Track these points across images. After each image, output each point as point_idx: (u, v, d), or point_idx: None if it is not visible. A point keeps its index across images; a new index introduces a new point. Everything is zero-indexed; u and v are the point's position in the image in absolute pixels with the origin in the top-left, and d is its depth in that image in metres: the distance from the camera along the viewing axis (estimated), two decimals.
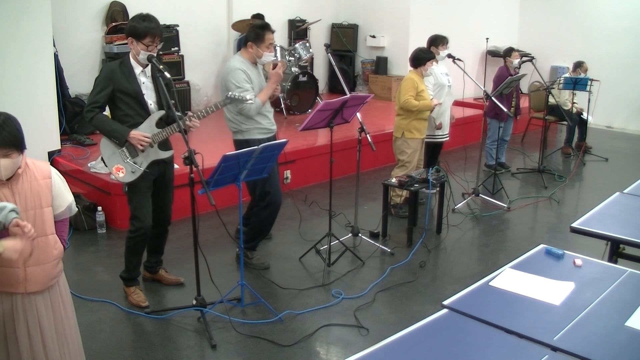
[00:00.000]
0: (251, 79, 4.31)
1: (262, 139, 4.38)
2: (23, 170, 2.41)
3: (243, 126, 4.39)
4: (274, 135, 4.55)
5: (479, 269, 4.67)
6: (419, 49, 5.66)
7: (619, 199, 3.90)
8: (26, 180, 2.41)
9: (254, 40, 4.32)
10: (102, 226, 5.20)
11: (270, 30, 4.36)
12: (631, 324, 2.28)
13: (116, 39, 7.14)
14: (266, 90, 4.34)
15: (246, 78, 4.27)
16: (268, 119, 4.47)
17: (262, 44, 4.32)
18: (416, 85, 5.44)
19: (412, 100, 5.38)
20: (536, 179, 7.18)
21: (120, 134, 3.64)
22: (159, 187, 3.93)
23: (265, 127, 4.44)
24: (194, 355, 3.46)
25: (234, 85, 4.23)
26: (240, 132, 4.43)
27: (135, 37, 3.61)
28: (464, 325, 2.30)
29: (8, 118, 2.31)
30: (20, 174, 2.40)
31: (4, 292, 2.41)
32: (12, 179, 2.38)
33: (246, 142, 4.42)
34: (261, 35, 4.30)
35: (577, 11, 10.77)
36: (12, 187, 2.38)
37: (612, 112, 10.33)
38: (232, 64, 4.34)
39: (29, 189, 2.41)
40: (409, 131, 5.50)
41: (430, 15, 9.57)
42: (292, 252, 4.87)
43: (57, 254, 2.51)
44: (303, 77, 7.98)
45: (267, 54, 4.37)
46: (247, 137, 4.41)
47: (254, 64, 4.40)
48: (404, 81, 5.54)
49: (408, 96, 5.40)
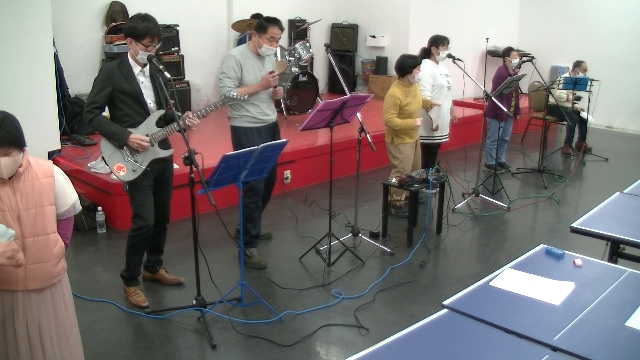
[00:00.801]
0: (246, 68, 4.37)
1: (249, 128, 4.47)
2: (25, 168, 2.41)
3: (234, 113, 4.51)
4: (269, 125, 4.58)
5: (479, 269, 4.67)
6: (403, 56, 5.46)
7: (619, 199, 3.90)
8: (28, 178, 2.42)
9: (257, 30, 4.39)
10: (102, 226, 5.20)
11: (277, 25, 4.38)
12: (631, 324, 2.28)
13: (116, 39, 7.14)
14: (250, 87, 4.40)
15: (235, 67, 4.35)
16: (259, 109, 4.50)
17: (264, 35, 4.36)
18: (399, 102, 5.29)
19: (395, 119, 5.28)
20: (536, 179, 7.18)
21: (119, 137, 3.65)
22: (159, 185, 3.94)
23: (254, 117, 4.49)
24: (194, 355, 3.46)
25: (222, 70, 4.41)
26: (231, 118, 4.56)
27: (134, 37, 3.61)
28: (464, 325, 2.30)
29: (6, 117, 2.31)
30: (22, 173, 2.40)
31: (5, 289, 2.42)
32: (13, 178, 2.38)
33: (234, 128, 4.57)
34: (265, 27, 4.35)
35: (577, 11, 10.77)
36: (14, 186, 2.39)
37: (612, 112, 10.33)
38: (231, 51, 4.54)
39: (31, 187, 2.42)
40: (398, 137, 5.44)
41: (430, 15, 9.58)
42: (292, 252, 4.87)
43: (57, 252, 2.52)
44: (303, 77, 7.98)
45: (267, 47, 4.39)
46: (236, 124, 4.54)
47: (257, 55, 4.43)
48: (387, 98, 5.37)
49: (389, 115, 5.28)
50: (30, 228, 2.41)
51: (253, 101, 4.44)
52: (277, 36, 4.39)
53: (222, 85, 4.37)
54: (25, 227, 2.40)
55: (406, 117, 5.33)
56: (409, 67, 5.33)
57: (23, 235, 2.39)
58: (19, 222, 2.38)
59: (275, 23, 4.38)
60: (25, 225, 2.39)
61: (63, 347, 2.59)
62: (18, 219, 2.38)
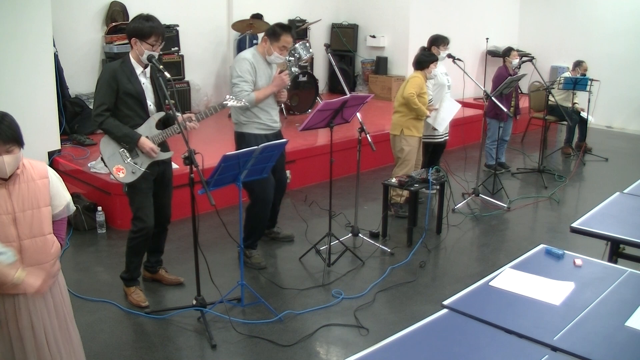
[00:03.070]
0: (258, 72, 4.31)
1: (259, 135, 4.38)
2: (21, 170, 2.42)
3: (242, 118, 4.41)
4: (275, 133, 4.53)
5: (479, 269, 4.67)
6: (422, 52, 5.68)
7: (619, 199, 3.90)
8: (23, 180, 2.42)
9: (270, 37, 4.33)
10: (102, 226, 5.20)
11: (290, 34, 4.33)
12: (631, 324, 2.28)
13: (116, 39, 7.14)
14: (265, 90, 4.34)
15: (251, 70, 4.28)
16: (269, 115, 4.46)
17: (276, 43, 4.31)
18: (422, 86, 5.48)
19: (415, 98, 5.40)
20: (536, 179, 7.18)
21: (130, 139, 3.65)
22: (159, 187, 3.94)
23: (264, 123, 4.43)
24: (194, 355, 3.46)
25: (236, 73, 4.28)
26: (238, 124, 4.45)
27: (139, 37, 3.61)
28: (464, 325, 2.30)
29: (5, 114, 2.34)
30: (18, 175, 2.40)
31: (6, 294, 2.42)
32: (9, 180, 2.38)
33: (242, 135, 4.44)
34: (278, 34, 4.30)
35: (577, 11, 10.77)
36: (9, 188, 2.39)
37: (612, 112, 10.33)
38: (242, 54, 4.41)
39: (26, 189, 2.42)
40: (407, 128, 5.51)
41: (430, 15, 9.57)
42: (292, 252, 4.87)
43: (54, 253, 2.52)
44: (303, 77, 7.98)
45: (277, 55, 4.34)
46: (244, 130, 4.43)
47: (265, 60, 4.40)
48: (412, 78, 5.54)
49: (413, 91, 5.41)
50: (28, 230, 2.40)
51: (263, 107, 4.38)
52: (288, 45, 4.34)
53: (240, 90, 4.24)
54: (22, 229, 2.39)
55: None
56: (427, 62, 5.52)
57: (20, 237, 2.39)
58: (15, 224, 2.38)
59: (288, 31, 4.32)
60: (22, 227, 2.39)
61: (67, 344, 2.61)
62: (14, 221, 2.37)
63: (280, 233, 5.11)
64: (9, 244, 2.36)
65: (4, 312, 2.44)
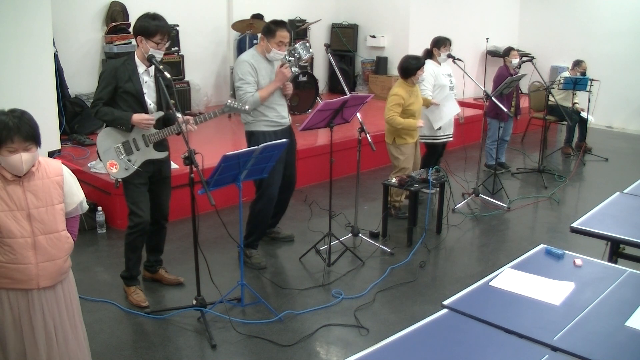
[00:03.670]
0: (259, 72, 4.31)
1: (268, 132, 4.39)
2: (36, 168, 2.46)
3: (249, 117, 4.42)
4: (285, 128, 4.54)
5: (479, 269, 4.67)
6: (407, 57, 5.40)
7: (619, 199, 3.90)
8: (38, 177, 2.47)
9: (265, 34, 4.34)
10: (102, 226, 5.20)
11: (285, 28, 4.32)
12: (631, 324, 2.28)
13: (116, 39, 7.14)
14: (268, 87, 4.35)
15: (251, 71, 4.28)
16: (276, 112, 4.46)
17: (272, 39, 4.31)
18: (402, 102, 5.24)
19: (397, 118, 5.22)
20: (536, 179, 7.18)
21: (124, 120, 3.67)
22: (157, 184, 3.95)
23: (272, 120, 4.44)
24: (194, 355, 3.46)
25: (238, 77, 4.30)
26: (247, 123, 4.46)
27: (145, 35, 3.64)
28: (464, 325, 2.30)
29: (25, 112, 2.39)
30: (33, 172, 2.45)
31: (19, 289, 2.46)
32: (24, 177, 2.43)
33: (252, 133, 4.45)
34: (273, 31, 4.30)
35: (577, 11, 10.76)
36: (24, 185, 2.43)
37: (612, 112, 10.32)
38: (241, 57, 4.43)
39: (41, 186, 2.46)
40: (399, 137, 5.40)
41: (430, 15, 9.58)
42: (292, 252, 4.87)
43: (68, 249, 2.58)
44: (303, 77, 7.98)
45: (276, 52, 4.34)
46: (253, 128, 4.44)
47: (266, 58, 4.40)
48: (390, 96, 5.33)
49: (393, 113, 5.23)
50: (42, 226, 2.45)
51: (269, 104, 4.38)
52: (285, 40, 4.32)
53: (243, 92, 4.25)
54: (36, 225, 2.43)
55: (409, 117, 5.31)
56: (413, 69, 5.28)
57: (34, 233, 2.43)
58: (29, 220, 2.42)
59: (282, 26, 4.32)
60: (36, 223, 2.43)
61: (74, 339, 2.64)
62: (28, 217, 2.42)
63: (280, 233, 5.12)
64: (24, 239, 2.40)
65: (17, 307, 2.47)
